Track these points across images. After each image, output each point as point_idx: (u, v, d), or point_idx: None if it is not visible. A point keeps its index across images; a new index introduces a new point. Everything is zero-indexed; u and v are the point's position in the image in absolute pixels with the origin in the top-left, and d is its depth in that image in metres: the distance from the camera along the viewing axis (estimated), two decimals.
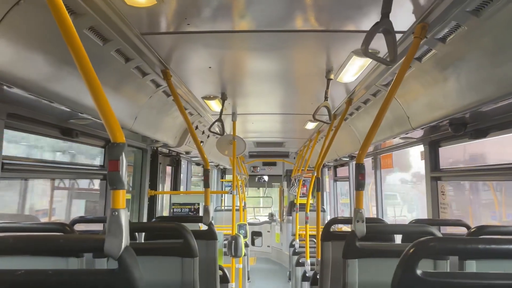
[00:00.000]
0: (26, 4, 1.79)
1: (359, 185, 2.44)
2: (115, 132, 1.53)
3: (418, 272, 1.31)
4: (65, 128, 3.25)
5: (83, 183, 5.08)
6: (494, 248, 1.34)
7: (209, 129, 5.13)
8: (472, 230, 2.49)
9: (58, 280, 1.39)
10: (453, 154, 4.25)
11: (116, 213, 1.45)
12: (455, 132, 3.20)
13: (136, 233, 3.41)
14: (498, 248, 1.34)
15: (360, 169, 2.45)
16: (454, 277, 1.32)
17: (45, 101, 2.42)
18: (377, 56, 2.02)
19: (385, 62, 1.99)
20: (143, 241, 3.62)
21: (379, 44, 2.62)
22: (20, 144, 3.32)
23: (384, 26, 1.86)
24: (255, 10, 2.25)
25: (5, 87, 2.08)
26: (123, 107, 3.34)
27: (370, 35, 1.83)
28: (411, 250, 1.33)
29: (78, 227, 3.23)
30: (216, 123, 4.72)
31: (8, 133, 2.63)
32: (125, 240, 1.43)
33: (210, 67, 3.30)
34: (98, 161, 4.25)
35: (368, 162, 6.39)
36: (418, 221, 3.32)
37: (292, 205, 9.99)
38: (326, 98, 3.54)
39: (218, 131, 5.26)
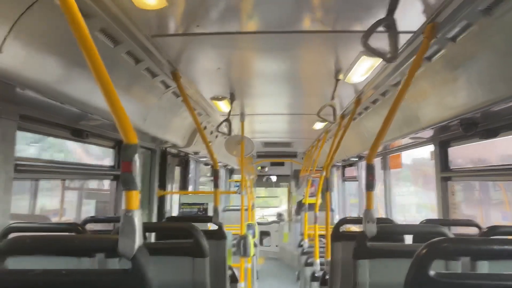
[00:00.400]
0: (39, 7, 1.81)
1: (370, 185, 2.44)
2: (127, 133, 1.54)
3: (431, 273, 1.30)
4: (76, 129, 3.28)
5: (92, 183, 5.13)
6: (509, 248, 1.33)
7: (216, 129, 5.15)
8: (484, 231, 2.47)
9: (73, 280, 1.41)
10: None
11: (130, 214, 1.46)
12: (466, 132, 3.18)
13: (146, 233, 3.43)
14: None
15: (370, 169, 2.45)
16: (468, 278, 1.32)
17: (57, 102, 2.45)
18: (377, 52, 2.00)
19: (385, 58, 1.97)
20: (153, 241, 3.64)
21: (386, 43, 2.63)
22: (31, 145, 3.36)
23: (386, 21, 1.85)
24: (263, 11, 2.26)
25: (17, 88, 2.11)
26: (133, 108, 3.37)
27: (371, 29, 1.83)
28: (424, 250, 1.33)
29: (89, 227, 3.26)
30: (224, 123, 4.74)
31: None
32: (139, 241, 1.44)
33: (219, 68, 3.32)
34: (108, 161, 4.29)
35: (377, 163, 6.37)
36: (428, 221, 3.30)
37: (300, 205, 9.98)
38: (332, 98, 3.54)
39: (226, 131, 5.27)
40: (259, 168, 12.51)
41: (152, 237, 3.78)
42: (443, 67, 2.68)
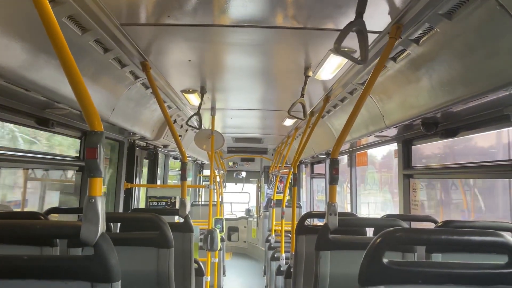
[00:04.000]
0: None
1: (333, 180, 2.52)
2: (93, 120, 1.54)
3: (385, 261, 1.37)
4: (41, 118, 3.20)
5: (56, 174, 5.00)
6: (456, 239, 1.41)
7: (186, 123, 5.13)
8: (439, 224, 2.59)
9: (34, 265, 1.39)
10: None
11: (93, 200, 1.46)
12: (427, 131, 3.31)
13: (112, 225, 3.39)
14: (460, 239, 1.41)
15: (334, 164, 2.52)
16: (419, 266, 1.39)
17: (21, 89, 2.39)
18: (349, 55, 2.09)
19: (356, 60, 2.05)
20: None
21: (356, 43, 2.70)
22: None
23: (357, 26, 1.92)
24: (236, 5, 2.27)
25: None
26: (100, 98, 3.31)
27: (343, 34, 1.89)
28: (378, 240, 1.40)
29: (52, 218, 3.19)
30: (194, 116, 4.73)
31: None
32: (102, 227, 1.45)
33: (189, 61, 3.31)
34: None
35: (344, 161, 6.51)
36: (389, 216, 3.42)
37: (268, 200, 10.07)
38: (302, 95, 3.60)
39: (196, 125, 5.26)
40: (230, 163, 12.54)
41: (118, 230, 3.74)
42: (406, 67, 2.79)
